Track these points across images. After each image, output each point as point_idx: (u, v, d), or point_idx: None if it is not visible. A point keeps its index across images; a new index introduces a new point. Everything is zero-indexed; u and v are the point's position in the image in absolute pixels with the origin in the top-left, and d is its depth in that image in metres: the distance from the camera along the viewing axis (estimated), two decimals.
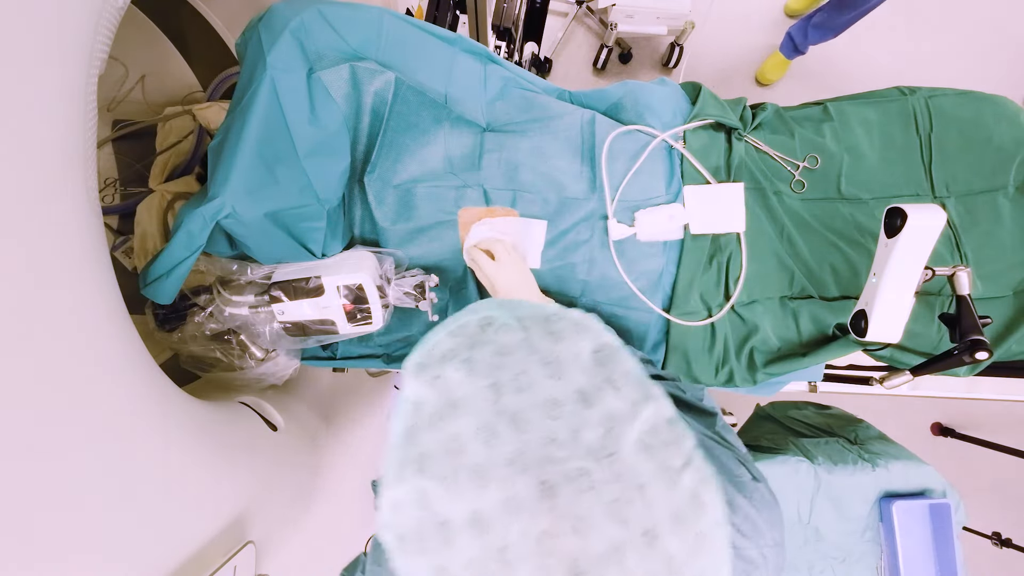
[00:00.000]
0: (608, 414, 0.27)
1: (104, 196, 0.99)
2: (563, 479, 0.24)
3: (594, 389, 0.27)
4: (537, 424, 0.26)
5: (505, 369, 0.28)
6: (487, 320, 0.31)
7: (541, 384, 0.27)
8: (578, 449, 0.25)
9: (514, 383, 0.27)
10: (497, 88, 0.83)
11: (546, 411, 0.26)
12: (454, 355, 0.29)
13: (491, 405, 0.26)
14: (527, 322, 0.30)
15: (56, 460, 0.44)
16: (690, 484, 0.27)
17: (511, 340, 0.29)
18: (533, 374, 0.27)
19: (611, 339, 0.31)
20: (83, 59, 0.50)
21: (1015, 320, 0.87)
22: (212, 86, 1.05)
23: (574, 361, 0.29)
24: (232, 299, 0.76)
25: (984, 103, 0.91)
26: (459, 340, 0.30)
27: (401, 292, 0.79)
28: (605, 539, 0.24)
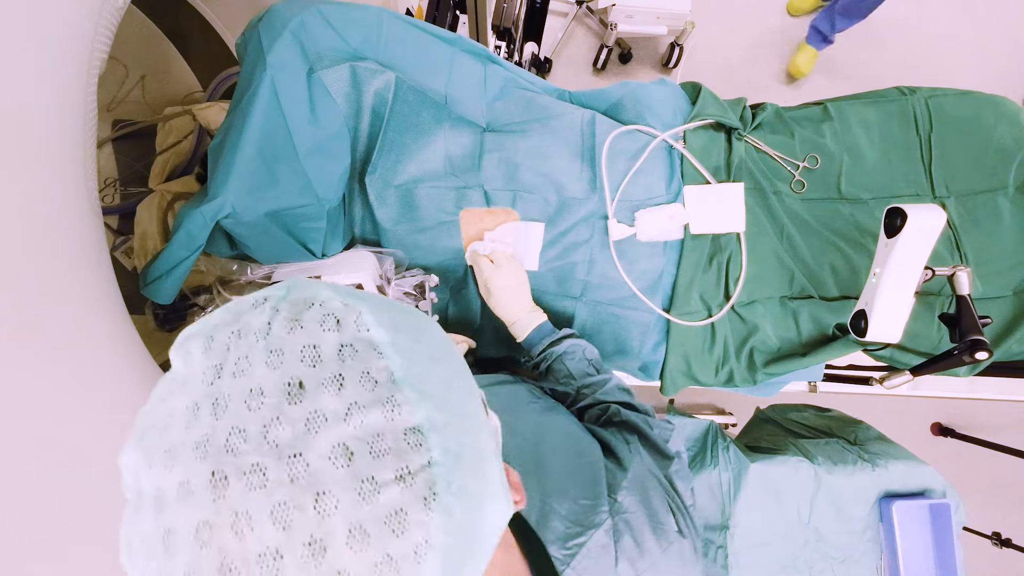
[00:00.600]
0: (315, 411, 0.25)
1: (104, 196, 0.99)
2: (236, 472, 0.23)
3: (314, 385, 0.25)
4: (233, 412, 0.25)
5: (232, 351, 0.27)
6: (263, 298, 0.29)
7: (256, 371, 0.26)
8: (263, 445, 0.24)
9: (234, 367, 0.26)
10: (497, 88, 0.83)
11: (247, 400, 0.25)
12: (206, 331, 0.28)
13: (205, 387, 0.26)
14: (283, 306, 0.29)
15: (56, 460, 0.44)
16: (394, 499, 0.24)
17: (256, 323, 0.28)
18: (254, 359, 0.26)
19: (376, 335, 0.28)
20: (83, 59, 0.50)
21: (1015, 320, 0.87)
22: (212, 86, 1.05)
23: (302, 352, 0.27)
24: (232, 299, 0.76)
25: (984, 103, 0.91)
26: (226, 317, 0.29)
27: (401, 292, 0.79)
28: (262, 541, 0.23)
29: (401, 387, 0.27)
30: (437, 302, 0.85)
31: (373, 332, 0.28)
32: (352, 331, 0.28)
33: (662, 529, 0.46)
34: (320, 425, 0.25)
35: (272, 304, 0.29)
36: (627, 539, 0.44)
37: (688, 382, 0.90)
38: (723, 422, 1.76)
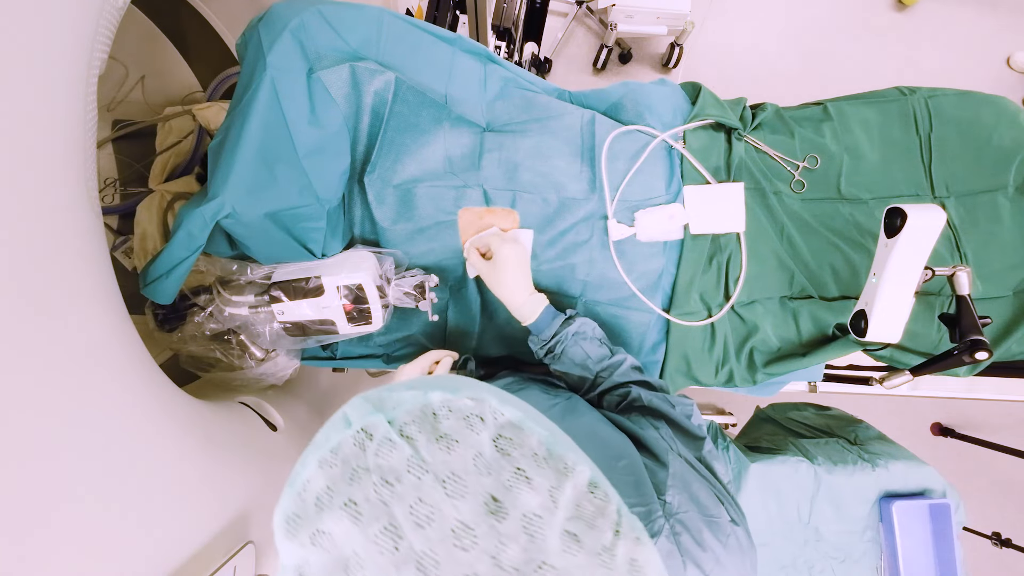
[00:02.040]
0: (526, 516, 0.23)
1: (104, 196, 0.99)
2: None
3: (504, 491, 0.24)
4: (449, 562, 0.22)
5: (397, 502, 0.23)
6: (365, 434, 0.26)
7: (443, 509, 0.23)
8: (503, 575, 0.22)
9: (411, 517, 0.23)
10: (497, 88, 0.83)
11: (457, 542, 0.23)
12: (331, 498, 0.24)
13: (390, 555, 0.22)
14: (410, 430, 0.26)
15: (55, 460, 0.44)
16: (624, 553, 0.24)
17: (397, 461, 0.25)
18: (431, 499, 0.23)
19: (510, 414, 0.27)
20: (83, 59, 0.50)
21: (1015, 320, 0.87)
22: (212, 86, 1.05)
23: (474, 466, 0.25)
24: (232, 299, 0.76)
25: (984, 103, 0.91)
26: (334, 472, 0.25)
27: (401, 292, 0.79)
28: None
29: (557, 451, 0.26)
30: (437, 302, 0.85)
31: (508, 413, 0.27)
32: (492, 421, 0.27)
33: (716, 523, 0.44)
34: (538, 526, 0.24)
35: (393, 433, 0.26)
36: (686, 539, 0.43)
37: (688, 382, 0.90)
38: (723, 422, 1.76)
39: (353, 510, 0.24)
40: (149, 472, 0.55)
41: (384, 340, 0.90)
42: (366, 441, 0.26)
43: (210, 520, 0.65)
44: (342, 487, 0.25)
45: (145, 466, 0.55)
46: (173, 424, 0.60)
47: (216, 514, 0.66)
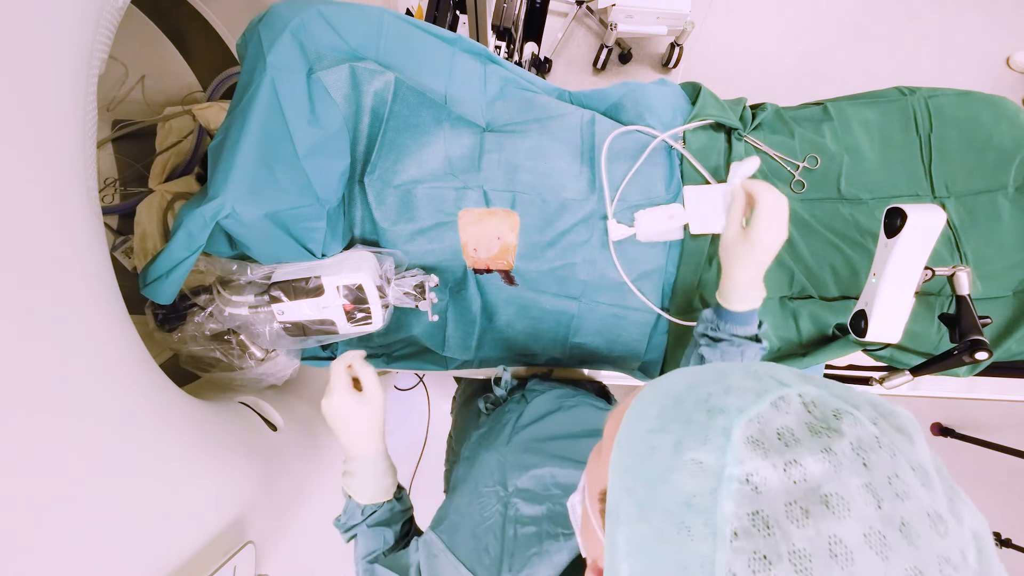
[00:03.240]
0: (974, 532, 0.25)
1: (104, 196, 0.99)
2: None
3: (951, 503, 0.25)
4: (928, 539, 0.23)
5: (875, 468, 0.24)
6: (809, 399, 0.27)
7: (917, 493, 0.24)
8: (969, 572, 0.23)
9: (891, 488, 0.24)
10: (497, 88, 0.83)
11: (933, 525, 0.23)
12: (798, 439, 0.25)
13: (875, 510, 0.23)
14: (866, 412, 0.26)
15: (55, 460, 0.44)
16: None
17: (865, 435, 0.25)
18: (906, 480, 0.24)
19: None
20: (83, 59, 0.50)
21: (1015, 320, 0.87)
22: (212, 86, 1.05)
23: (932, 467, 0.26)
24: (232, 299, 0.76)
25: (984, 103, 0.91)
26: (790, 418, 0.26)
27: (401, 292, 0.79)
28: None
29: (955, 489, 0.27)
30: (437, 302, 0.85)
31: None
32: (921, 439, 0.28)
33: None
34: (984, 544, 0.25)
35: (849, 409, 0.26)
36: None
37: None
38: None
39: (832, 458, 0.24)
40: (149, 472, 0.55)
41: (384, 340, 0.90)
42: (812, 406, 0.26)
43: (210, 520, 0.65)
44: (805, 435, 0.25)
45: (145, 466, 0.55)
46: (173, 424, 0.60)
47: (216, 514, 0.66)
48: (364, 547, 0.66)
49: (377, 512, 0.67)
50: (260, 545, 0.72)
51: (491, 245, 0.82)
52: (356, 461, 0.66)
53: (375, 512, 0.66)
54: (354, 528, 0.67)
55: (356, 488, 0.66)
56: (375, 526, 0.66)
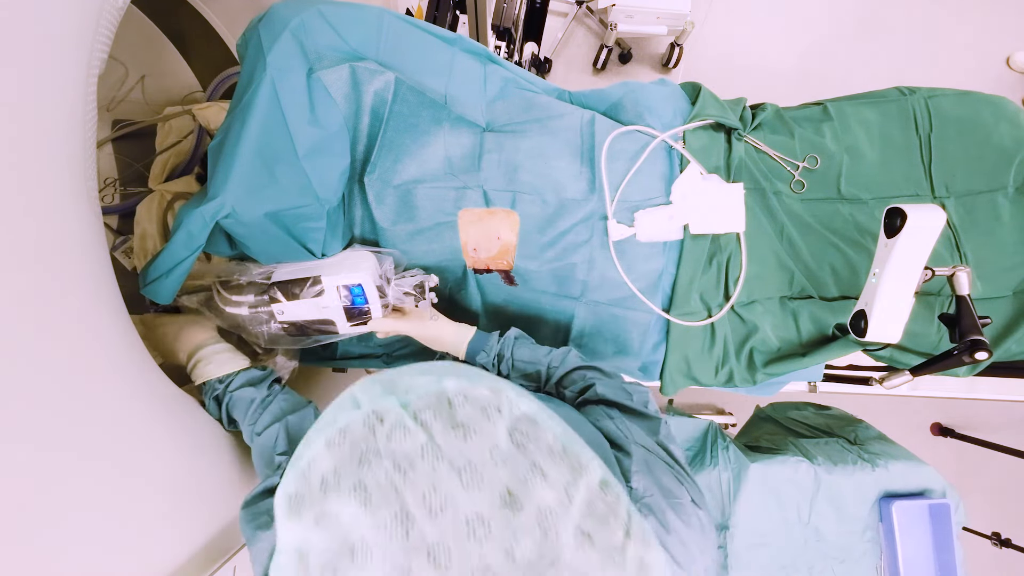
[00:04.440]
0: (540, 511, 0.23)
1: (104, 196, 0.99)
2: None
3: (519, 484, 0.23)
4: (461, 554, 0.22)
5: (410, 488, 0.23)
6: (376, 417, 0.25)
7: (457, 499, 0.23)
8: (515, 570, 0.22)
9: (424, 505, 0.22)
10: (497, 88, 0.83)
11: (470, 533, 0.22)
12: (339, 480, 0.23)
13: (401, 542, 0.22)
14: (425, 416, 0.25)
15: (55, 460, 0.44)
16: (634, 554, 0.24)
17: (411, 447, 0.24)
18: (446, 487, 0.23)
19: (526, 407, 0.27)
20: (83, 59, 0.50)
21: (1015, 320, 0.87)
22: (212, 86, 1.05)
23: (491, 457, 0.24)
24: (232, 299, 0.76)
25: (984, 103, 0.91)
26: (342, 454, 0.24)
27: (401, 292, 0.79)
28: None
29: (572, 448, 0.26)
30: (437, 302, 0.85)
31: (524, 406, 0.27)
32: (509, 413, 0.26)
33: (680, 505, 0.45)
34: (552, 522, 0.23)
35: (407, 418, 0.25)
36: (652, 522, 0.43)
37: (688, 382, 0.90)
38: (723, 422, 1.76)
39: (363, 494, 0.23)
40: (149, 472, 0.55)
41: (384, 340, 0.90)
42: (377, 424, 0.25)
43: (210, 520, 0.65)
44: (350, 469, 0.24)
45: (145, 466, 0.55)
46: (173, 424, 0.60)
47: (216, 514, 0.66)
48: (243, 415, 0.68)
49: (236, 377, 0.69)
50: None
51: (491, 245, 0.82)
52: (201, 350, 0.70)
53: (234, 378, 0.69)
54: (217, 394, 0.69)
55: (211, 370, 0.69)
56: (239, 388, 0.68)
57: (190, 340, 0.73)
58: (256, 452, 0.66)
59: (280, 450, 0.64)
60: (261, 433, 0.65)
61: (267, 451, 0.64)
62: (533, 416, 0.27)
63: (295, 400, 0.71)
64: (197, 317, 0.76)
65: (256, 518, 0.55)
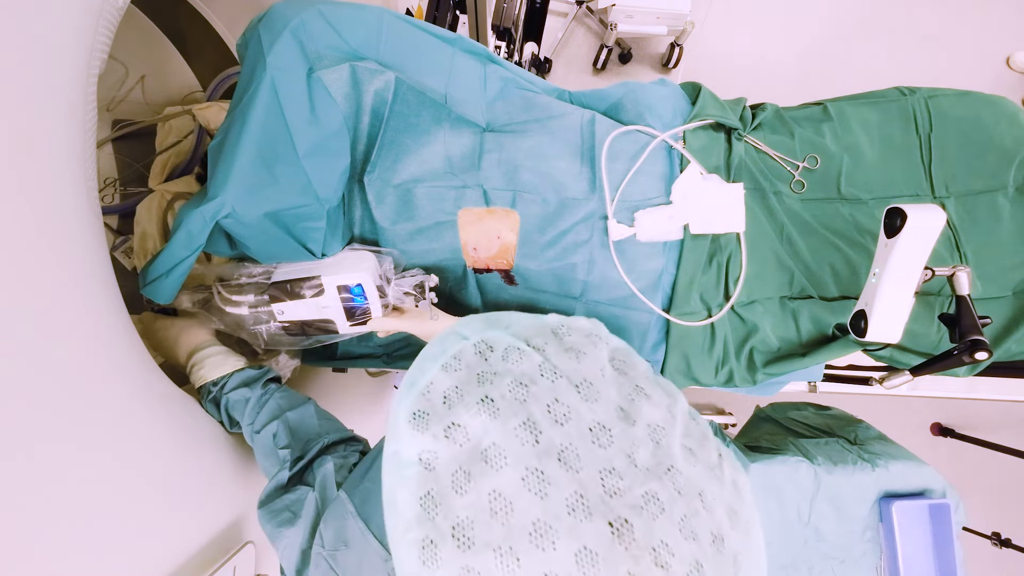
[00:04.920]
0: (650, 426, 0.25)
1: (104, 196, 0.99)
2: (632, 511, 0.22)
3: (629, 402, 0.25)
4: (589, 457, 0.23)
5: (534, 401, 0.24)
6: (486, 345, 0.27)
7: (579, 410, 0.24)
8: (638, 474, 0.23)
9: (550, 416, 0.24)
10: (497, 88, 0.83)
11: (595, 439, 0.24)
12: (463, 396, 0.25)
13: (531, 447, 0.23)
14: (536, 341, 0.27)
15: (55, 459, 0.44)
16: (730, 474, 0.26)
17: (529, 366, 0.25)
18: (567, 401, 0.24)
19: (617, 342, 0.29)
20: (83, 59, 0.50)
21: (1015, 320, 0.87)
22: (212, 86, 1.05)
23: (602, 376, 0.26)
24: (232, 299, 0.76)
25: (984, 103, 0.91)
26: (460, 375, 0.26)
27: (401, 292, 0.79)
28: (685, 561, 0.22)
29: (662, 379, 0.29)
30: (437, 302, 0.85)
31: (616, 341, 0.29)
32: (606, 344, 0.28)
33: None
34: (662, 435, 0.25)
35: (519, 343, 0.26)
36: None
37: (688, 382, 0.90)
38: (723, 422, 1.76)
39: (490, 406, 0.24)
40: (149, 472, 0.55)
41: (384, 340, 0.90)
42: (488, 351, 0.27)
43: (210, 520, 0.65)
44: (472, 387, 0.25)
45: (145, 466, 0.55)
46: (173, 424, 0.60)
47: (216, 513, 0.66)
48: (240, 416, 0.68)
49: (231, 379, 0.70)
50: (260, 545, 0.72)
51: (491, 244, 0.82)
52: (196, 353, 0.71)
53: (228, 380, 0.70)
54: (214, 397, 0.69)
55: (205, 373, 0.70)
56: (235, 389, 0.69)
57: (186, 343, 0.73)
58: (258, 450, 0.66)
59: (281, 444, 0.64)
60: (260, 431, 0.65)
61: (268, 447, 0.64)
62: (626, 348, 0.29)
63: (293, 397, 0.71)
64: (193, 319, 0.76)
65: (276, 515, 0.55)
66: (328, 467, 0.61)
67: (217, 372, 0.71)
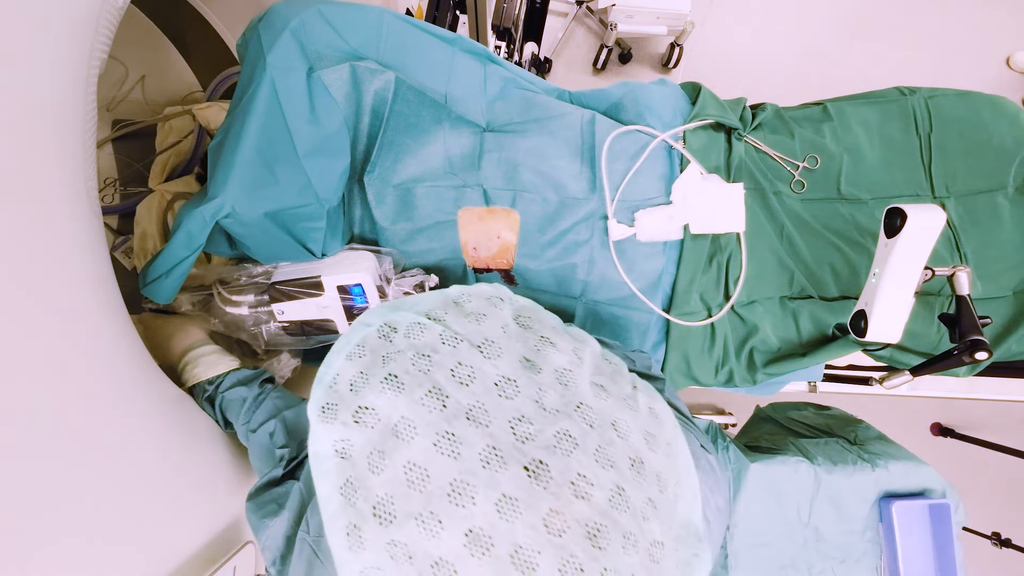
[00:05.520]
0: (557, 371, 0.26)
1: (104, 196, 0.99)
2: (545, 452, 0.23)
3: (534, 352, 0.27)
4: (497, 410, 0.24)
5: (437, 369, 0.25)
6: (388, 327, 0.28)
7: (483, 369, 0.25)
8: (548, 416, 0.24)
9: (454, 379, 0.25)
10: (497, 88, 0.83)
11: (501, 392, 0.25)
12: (367, 379, 0.25)
13: (439, 413, 0.24)
14: (436, 312, 0.28)
15: (55, 460, 0.44)
16: (645, 402, 0.27)
17: (430, 337, 0.26)
18: (470, 362, 0.25)
19: (525, 301, 0.30)
20: (83, 59, 0.50)
21: (1015, 320, 0.87)
22: (212, 86, 1.05)
23: (504, 333, 0.27)
24: (232, 299, 0.76)
25: (984, 103, 0.91)
26: (364, 361, 0.27)
27: (401, 292, 0.79)
28: (605, 488, 0.23)
29: (571, 329, 0.30)
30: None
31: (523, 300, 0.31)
32: (510, 303, 0.30)
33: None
34: (570, 377, 0.26)
35: (420, 318, 0.28)
36: None
37: (688, 382, 0.90)
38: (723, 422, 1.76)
39: (394, 383, 0.25)
40: (149, 472, 0.55)
41: None
42: (391, 332, 0.28)
43: (210, 519, 0.65)
44: (376, 369, 0.26)
45: (145, 466, 0.55)
46: (173, 424, 0.60)
47: (216, 513, 0.66)
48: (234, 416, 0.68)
49: (226, 378, 0.70)
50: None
51: (491, 244, 0.82)
52: (190, 352, 0.70)
53: (223, 379, 0.69)
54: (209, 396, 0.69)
55: (199, 372, 0.69)
56: (230, 388, 0.69)
57: (181, 342, 0.73)
58: (253, 450, 0.65)
59: (280, 443, 0.64)
60: (256, 430, 0.65)
61: (265, 447, 0.64)
62: (533, 306, 0.30)
63: (289, 397, 0.71)
64: (188, 319, 0.76)
65: (262, 507, 0.55)
66: None
67: (212, 371, 0.71)
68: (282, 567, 0.50)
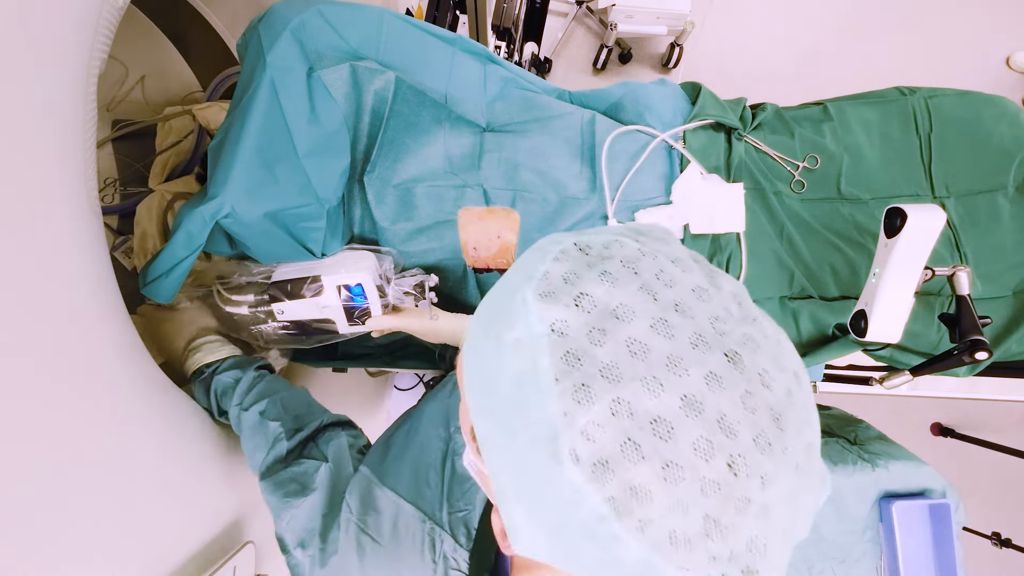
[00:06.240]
0: (731, 293, 0.30)
1: (104, 196, 0.99)
2: (738, 345, 0.27)
3: (709, 278, 0.31)
4: (698, 308, 0.28)
5: (644, 272, 0.29)
6: (584, 243, 0.31)
7: (680, 278, 0.29)
8: (735, 321, 0.29)
9: (659, 281, 0.29)
10: (497, 88, 0.83)
11: (698, 297, 0.29)
12: (580, 275, 0.29)
13: (653, 303, 0.28)
14: (628, 234, 0.32)
15: (55, 460, 0.44)
16: (783, 339, 0.31)
17: (629, 251, 0.30)
18: (669, 272, 0.29)
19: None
20: (83, 59, 0.50)
21: (1015, 320, 0.87)
22: (212, 86, 1.05)
23: (688, 256, 0.32)
24: (232, 299, 0.76)
25: (984, 103, 0.91)
26: (572, 263, 0.30)
27: (401, 292, 0.79)
28: (782, 385, 0.27)
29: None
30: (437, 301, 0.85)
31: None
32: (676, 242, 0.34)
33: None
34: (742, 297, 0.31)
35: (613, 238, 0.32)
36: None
37: None
38: None
39: (609, 277, 0.29)
40: (149, 472, 0.55)
41: (384, 340, 0.90)
42: (587, 248, 0.31)
43: (209, 520, 0.65)
44: (584, 270, 0.29)
45: (144, 466, 0.55)
46: (173, 424, 0.60)
47: (216, 514, 0.66)
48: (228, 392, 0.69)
49: (226, 362, 0.71)
50: (260, 545, 0.72)
51: (491, 244, 0.82)
52: (195, 340, 0.73)
53: (222, 363, 0.71)
54: (204, 379, 0.71)
55: (200, 357, 0.72)
56: (227, 371, 0.70)
57: (187, 333, 0.75)
58: (245, 429, 0.66)
59: (271, 416, 0.65)
60: (248, 408, 0.66)
61: (255, 423, 0.65)
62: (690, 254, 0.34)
63: (286, 383, 0.72)
64: (192, 312, 0.78)
65: (283, 485, 0.57)
66: (342, 441, 0.63)
67: (213, 356, 0.72)
68: (322, 544, 0.52)
